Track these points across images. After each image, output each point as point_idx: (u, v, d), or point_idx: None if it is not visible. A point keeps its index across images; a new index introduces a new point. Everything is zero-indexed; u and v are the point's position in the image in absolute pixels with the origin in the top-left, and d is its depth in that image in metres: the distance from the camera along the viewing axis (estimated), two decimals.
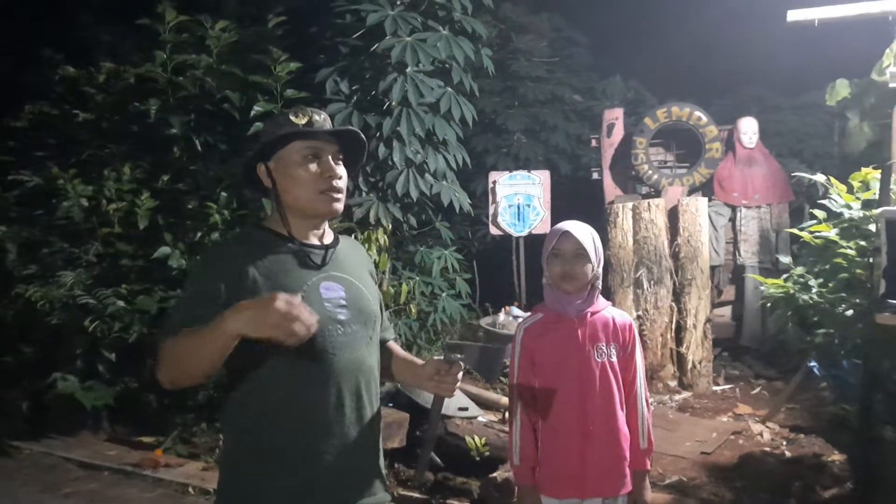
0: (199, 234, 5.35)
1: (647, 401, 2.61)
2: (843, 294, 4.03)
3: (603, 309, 2.57)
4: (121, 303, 5.15)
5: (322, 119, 1.99)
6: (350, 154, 2.06)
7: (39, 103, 5.85)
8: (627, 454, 2.55)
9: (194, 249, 5.29)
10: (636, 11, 10.05)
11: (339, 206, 2.00)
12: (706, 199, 6.91)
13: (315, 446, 1.90)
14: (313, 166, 1.95)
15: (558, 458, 2.52)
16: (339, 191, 1.98)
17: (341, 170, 2.00)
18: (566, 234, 2.49)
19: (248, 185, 2.09)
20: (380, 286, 5.93)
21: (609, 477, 2.53)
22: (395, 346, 2.31)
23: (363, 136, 2.08)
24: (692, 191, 7.39)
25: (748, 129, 7.37)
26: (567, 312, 2.52)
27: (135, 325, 5.14)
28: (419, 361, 2.20)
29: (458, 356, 2.06)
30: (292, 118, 1.97)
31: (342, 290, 1.97)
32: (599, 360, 2.51)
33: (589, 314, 2.52)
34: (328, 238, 2.06)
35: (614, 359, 2.53)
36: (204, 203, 5.34)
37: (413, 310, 6.30)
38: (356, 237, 5.73)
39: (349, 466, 1.95)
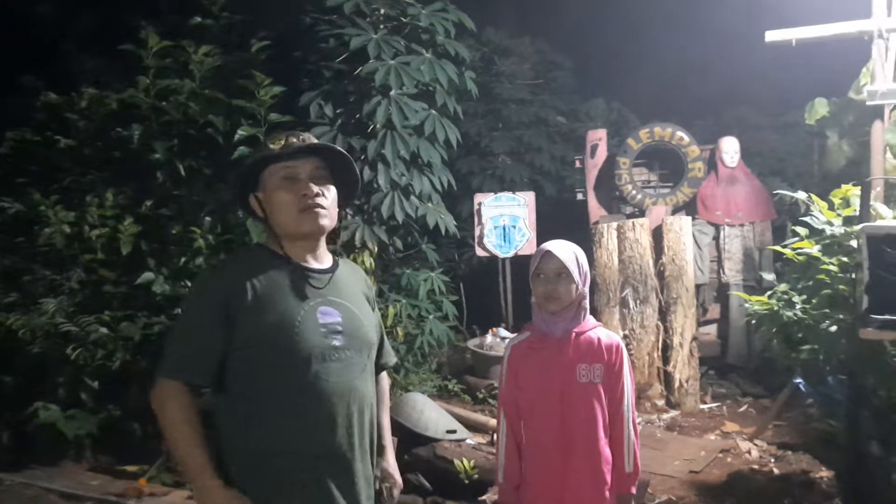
0: (183, 260, 5.31)
1: (634, 423, 2.56)
2: (827, 310, 4.05)
3: (590, 329, 2.55)
4: (104, 330, 5.09)
5: (300, 140, 1.98)
6: (339, 171, 2.05)
7: (21, 130, 5.81)
8: (609, 478, 2.51)
9: (178, 275, 5.25)
10: (618, 34, 10.15)
11: (325, 222, 1.99)
12: (690, 218, 6.96)
13: (305, 474, 1.89)
14: (291, 187, 1.95)
15: (539, 479, 2.51)
16: (319, 206, 1.96)
17: (321, 187, 1.98)
18: (548, 253, 2.49)
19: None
20: None
21: (589, 499, 2.49)
22: (383, 400, 2.28)
23: (340, 149, 2.07)
24: (676, 210, 7.43)
25: (730, 148, 7.43)
26: (552, 332, 2.51)
27: (118, 352, 5.08)
28: (384, 439, 2.24)
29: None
30: (270, 144, 1.97)
31: (339, 316, 1.97)
32: (582, 381, 2.48)
33: (574, 334, 2.51)
34: (327, 261, 2.06)
35: (599, 380, 2.50)
36: (188, 228, 5.31)
37: (400, 333, 6.28)
38: None
39: (341, 493, 1.94)
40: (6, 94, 6.26)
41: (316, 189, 1.96)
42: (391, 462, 2.24)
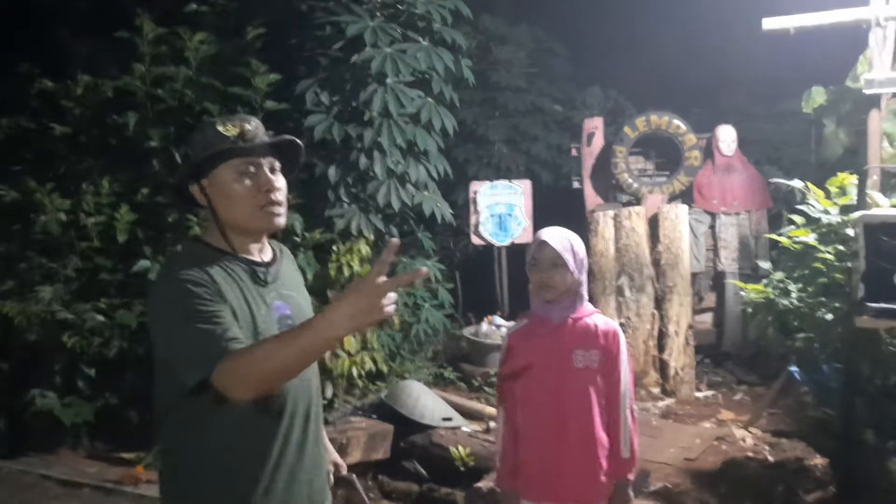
0: (179, 247, 5.31)
1: (632, 410, 2.57)
2: (823, 298, 4.06)
3: (588, 315, 2.57)
4: (100, 317, 5.09)
5: (254, 127, 1.89)
6: (286, 160, 1.97)
7: (16, 117, 5.78)
8: (605, 463, 2.53)
9: None
10: (614, 22, 10.12)
11: (282, 221, 1.92)
12: (686, 206, 6.96)
13: (264, 470, 1.85)
14: (249, 181, 1.86)
15: (534, 463, 2.53)
16: (279, 204, 1.90)
17: (280, 181, 1.91)
18: (542, 243, 2.50)
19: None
20: None
21: (584, 484, 2.52)
22: None
23: (299, 141, 1.98)
24: (672, 199, 7.44)
25: (726, 137, 7.43)
26: (550, 318, 2.53)
27: (115, 339, 5.09)
28: (324, 439, 2.15)
29: (341, 493, 2.17)
30: (221, 130, 1.86)
31: (289, 309, 1.92)
32: (578, 367, 2.50)
33: (572, 320, 2.53)
34: (269, 252, 1.99)
35: (595, 366, 2.52)
36: (184, 216, 5.30)
37: (396, 321, 6.29)
38: (338, 248, 5.72)
39: (299, 487, 1.92)
40: (0, 80, 6.22)
41: (276, 184, 1.89)
42: (332, 448, 2.24)
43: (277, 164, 1.93)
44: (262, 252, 1.97)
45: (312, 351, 1.63)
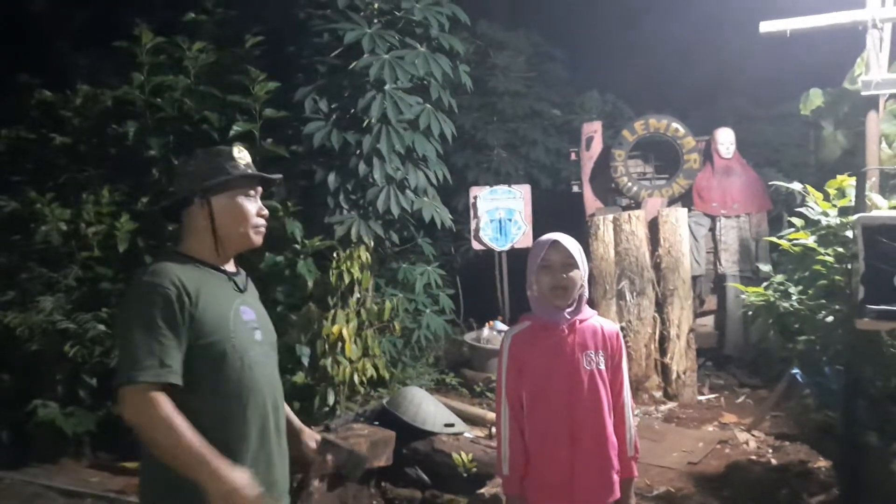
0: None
1: (632, 409, 2.64)
2: (823, 301, 4.06)
3: (590, 317, 2.59)
4: (101, 327, 5.10)
5: (251, 158, 2.21)
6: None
7: (16, 128, 5.79)
8: (616, 462, 2.56)
9: None
10: (612, 26, 10.15)
11: (261, 240, 2.21)
12: (686, 209, 6.97)
13: (247, 455, 2.03)
14: (249, 204, 2.15)
15: (546, 466, 2.53)
16: (265, 226, 2.21)
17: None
18: (555, 244, 2.50)
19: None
20: (363, 304, 5.94)
21: (597, 485, 2.54)
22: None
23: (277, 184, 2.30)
24: (672, 202, 7.44)
25: (725, 139, 7.44)
26: (556, 321, 2.52)
27: (116, 349, 5.09)
28: (295, 421, 2.37)
29: (329, 456, 2.33)
30: (237, 157, 2.13)
31: (253, 314, 2.17)
32: (588, 368, 2.53)
33: (577, 322, 2.54)
34: (233, 266, 2.24)
35: (602, 367, 2.55)
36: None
37: (397, 327, 6.28)
38: (338, 255, 5.72)
39: (273, 481, 2.11)
40: (0, 91, 6.24)
41: (265, 211, 2.20)
42: (300, 423, 2.40)
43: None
44: (231, 265, 2.23)
45: (188, 470, 1.88)
